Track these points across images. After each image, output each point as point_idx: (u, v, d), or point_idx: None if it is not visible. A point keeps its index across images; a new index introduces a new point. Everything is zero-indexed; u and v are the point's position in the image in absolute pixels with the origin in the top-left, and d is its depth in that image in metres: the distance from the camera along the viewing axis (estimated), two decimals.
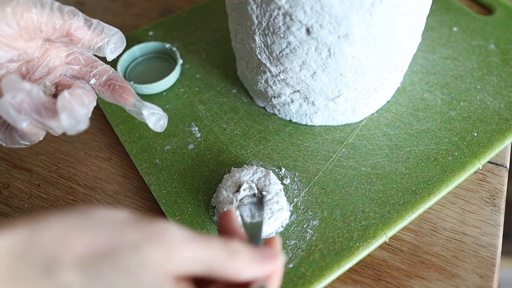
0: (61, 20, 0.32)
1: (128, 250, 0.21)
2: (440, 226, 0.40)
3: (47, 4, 0.31)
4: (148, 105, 0.36)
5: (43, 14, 0.31)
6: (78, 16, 0.33)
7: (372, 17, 0.35)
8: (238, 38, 0.43)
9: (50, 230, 0.21)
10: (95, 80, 0.36)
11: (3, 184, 0.45)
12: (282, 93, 0.44)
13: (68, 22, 0.32)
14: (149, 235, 0.22)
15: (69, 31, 0.32)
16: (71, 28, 0.32)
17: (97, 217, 0.22)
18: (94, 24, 0.34)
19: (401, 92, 0.49)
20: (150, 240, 0.22)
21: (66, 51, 0.36)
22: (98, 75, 0.36)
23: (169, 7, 0.64)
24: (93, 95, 0.35)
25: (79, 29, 0.33)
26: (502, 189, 0.43)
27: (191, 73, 0.53)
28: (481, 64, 0.51)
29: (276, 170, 0.43)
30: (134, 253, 0.21)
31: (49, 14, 0.31)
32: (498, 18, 0.56)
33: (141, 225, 0.23)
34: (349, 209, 0.40)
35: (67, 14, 0.32)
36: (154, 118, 0.36)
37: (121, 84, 0.36)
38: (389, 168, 0.43)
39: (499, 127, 0.45)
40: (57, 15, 0.31)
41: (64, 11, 0.32)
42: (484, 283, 0.37)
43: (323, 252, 0.37)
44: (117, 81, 0.36)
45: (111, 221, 0.22)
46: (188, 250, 0.22)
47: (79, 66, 0.36)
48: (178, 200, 0.41)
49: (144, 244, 0.22)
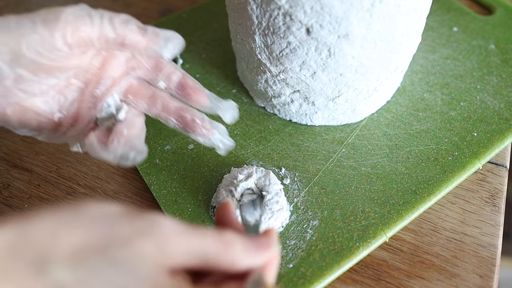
0: (114, 33, 0.30)
1: (121, 244, 0.21)
2: (440, 226, 0.40)
3: (97, 17, 0.29)
4: (222, 104, 0.35)
5: (94, 29, 0.29)
6: (131, 24, 0.31)
7: (372, 17, 0.35)
8: (238, 38, 0.43)
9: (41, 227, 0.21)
10: (164, 84, 0.34)
11: (3, 184, 0.45)
12: (282, 93, 0.44)
13: (121, 34, 0.30)
14: (141, 229, 0.22)
15: (124, 42, 0.31)
16: (125, 39, 0.30)
17: (89, 212, 0.22)
18: (149, 30, 0.31)
19: (401, 92, 0.49)
20: (143, 234, 0.22)
21: (124, 56, 0.34)
22: (166, 77, 0.34)
23: (169, 7, 0.64)
24: (143, 117, 0.35)
25: (134, 37, 0.31)
26: (502, 189, 0.43)
27: (191, 73, 0.52)
28: (481, 64, 0.51)
29: (276, 170, 0.43)
30: (127, 247, 0.21)
31: (100, 28, 0.29)
32: (498, 18, 0.56)
33: (133, 219, 0.22)
34: (349, 209, 0.40)
35: (119, 25, 0.30)
36: (229, 114, 0.35)
37: (193, 86, 0.34)
38: (389, 168, 0.43)
39: (499, 127, 0.45)
40: (108, 29, 0.29)
41: (116, 23, 0.30)
42: (484, 283, 0.37)
43: (323, 252, 0.37)
44: (188, 84, 0.34)
45: (102, 215, 0.22)
46: (182, 242, 0.22)
47: (144, 71, 0.35)
48: (178, 200, 0.41)
49: (137, 237, 0.21)
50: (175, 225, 0.23)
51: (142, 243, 0.21)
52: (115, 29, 0.30)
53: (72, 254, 0.21)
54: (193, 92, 0.34)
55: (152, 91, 0.34)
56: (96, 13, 0.29)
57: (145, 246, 0.21)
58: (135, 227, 0.22)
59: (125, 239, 0.21)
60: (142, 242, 0.21)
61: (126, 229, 0.22)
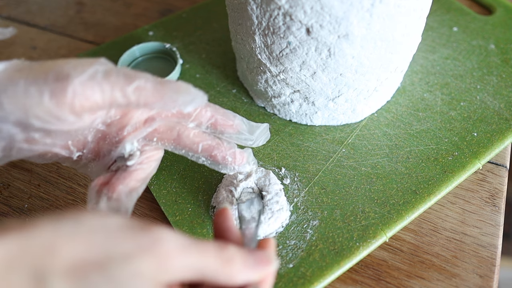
0: (125, 101, 0.28)
1: (121, 260, 0.21)
2: (440, 226, 0.40)
3: (108, 87, 0.27)
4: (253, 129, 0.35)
5: (104, 98, 0.27)
6: (145, 91, 0.28)
7: (372, 17, 0.35)
8: (238, 38, 0.43)
9: (40, 238, 0.20)
10: (195, 125, 0.34)
11: (3, 184, 0.45)
12: (282, 93, 0.44)
13: (134, 101, 0.28)
14: (143, 245, 0.22)
15: (138, 106, 0.29)
16: (139, 104, 0.28)
17: (89, 224, 0.22)
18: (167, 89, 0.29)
19: (401, 92, 0.49)
20: (144, 250, 0.21)
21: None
22: (194, 120, 0.33)
23: (169, 7, 0.64)
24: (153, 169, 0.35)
25: (149, 101, 0.28)
26: (502, 189, 0.43)
27: (191, 73, 0.53)
28: (481, 64, 0.51)
29: (276, 170, 0.43)
30: (127, 263, 0.21)
31: (111, 98, 0.27)
32: (498, 18, 0.56)
33: (135, 234, 0.22)
34: (349, 209, 0.40)
35: (131, 93, 0.28)
36: (261, 141, 0.36)
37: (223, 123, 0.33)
38: (389, 168, 0.43)
39: (499, 127, 0.45)
40: (119, 97, 0.28)
41: (128, 91, 0.28)
42: (484, 283, 0.37)
43: (323, 252, 0.37)
44: (218, 122, 0.33)
45: (103, 228, 0.22)
46: (183, 258, 0.22)
47: (168, 116, 0.33)
48: (178, 200, 0.41)
49: (138, 254, 0.21)
50: (177, 239, 0.23)
51: (142, 260, 0.21)
52: (127, 97, 0.28)
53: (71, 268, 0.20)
54: (224, 129, 0.34)
55: (177, 133, 0.34)
56: (107, 81, 0.27)
57: (145, 263, 0.21)
58: (136, 243, 0.22)
59: (125, 255, 0.21)
60: (143, 259, 0.21)
61: (127, 245, 0.21)
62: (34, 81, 0.26)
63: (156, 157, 0.34)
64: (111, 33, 0.61)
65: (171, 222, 0.40)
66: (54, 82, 0.26)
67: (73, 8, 0.65)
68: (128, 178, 0.32)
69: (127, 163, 0.33)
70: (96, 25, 0.62)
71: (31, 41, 0.60)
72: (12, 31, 0.62)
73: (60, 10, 0.65)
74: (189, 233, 0.39)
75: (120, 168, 0.33)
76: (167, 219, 0.41)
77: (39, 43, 0.60)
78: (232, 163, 0.35)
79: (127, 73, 0.28)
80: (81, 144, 0.32)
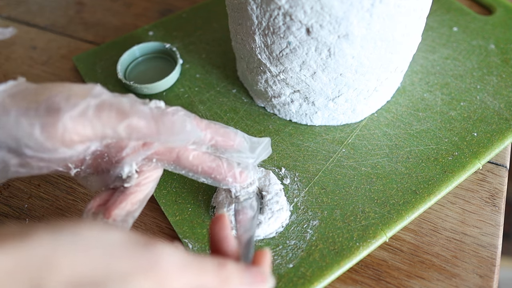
0: (116, 136, 0.28)
1: (119, 280, 0.21)
2: (440, 226, 0.40)
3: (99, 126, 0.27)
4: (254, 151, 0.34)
5: (95, 134, 0.27)
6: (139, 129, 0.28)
7: (372, 17, 0.35)
8: (238, 38, 0.43)
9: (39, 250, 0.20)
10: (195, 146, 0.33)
11: (3, 184, 0.45)
12: (282, 93, 0.44)
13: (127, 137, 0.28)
14: (142, 264, 0.21)
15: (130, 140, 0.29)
16: (132, 138, 0.29)
17: (88, 238, 0.21)
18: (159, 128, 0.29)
19: (401, 92, 0.49)
20: (143, 270, 0.21)
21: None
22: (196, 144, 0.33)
23: (169, 7, 0.64)
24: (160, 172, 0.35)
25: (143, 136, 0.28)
26: (502, 189, 0.43)
27: (191, 73, 0.53)
28: (481, 64, 0.51)
29: (276, 170, 0.43)
30: (124, 283, 0.21)
31: (102, 134, 0.28)
32: (498, 18, 0.56)
33: (134, 251, 0.22)
34: (349, 209, 0.40)
35: (123, 130, 0.28)
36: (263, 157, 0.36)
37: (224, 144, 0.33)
38: (389, 168, 0.43)
39: (499, 127, 0.45)
40: (110, 134, 0.28)
41: (119, 129, 0.27)
42: (484, 283, 0.37)
43: (323, 252, 0.37)
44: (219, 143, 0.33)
45: (103, 243, 0.21)
46: (182, 278, 0.22)
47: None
48: (178, 200, 0.41)
49: (137, 274, 0.21)
50: (177, 258, 0.22)
51: (141, 280, 0.21)
52: (118, 134, 0.28)
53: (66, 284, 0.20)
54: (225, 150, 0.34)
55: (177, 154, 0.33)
56: (98, 119, 0.27)
57: (144, 283, 0.21)
58: (136, 262, 0.21)
59: (124, 274, 0.21)
60: (141, 279, 0.21)
61: (126, 264, 0.21)
62: (26, 112, 0.26)
63: (154, 177, 0.34)
64: (111, 33, 0.61)
65: (171, 222, 0.40)
66: (45, 115, 0.26)
67: (73, 8, 0.65)
68: (124, 202, 0.32)
69: (124, 185, 0.32)
70: (96, 25, 0.62)
71: (31, 41, 0.60)
72: (12, 31, 0.62)
73: (60, 10, 0.65)
74: (189, 233, 0.39)
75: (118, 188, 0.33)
76: (167, 219, 0.41)
77: (39, 43, 0.60)
78: (233, 183, 0.35)
79: (121, 108, 0.28)
80: (79, 161, 0.32)
